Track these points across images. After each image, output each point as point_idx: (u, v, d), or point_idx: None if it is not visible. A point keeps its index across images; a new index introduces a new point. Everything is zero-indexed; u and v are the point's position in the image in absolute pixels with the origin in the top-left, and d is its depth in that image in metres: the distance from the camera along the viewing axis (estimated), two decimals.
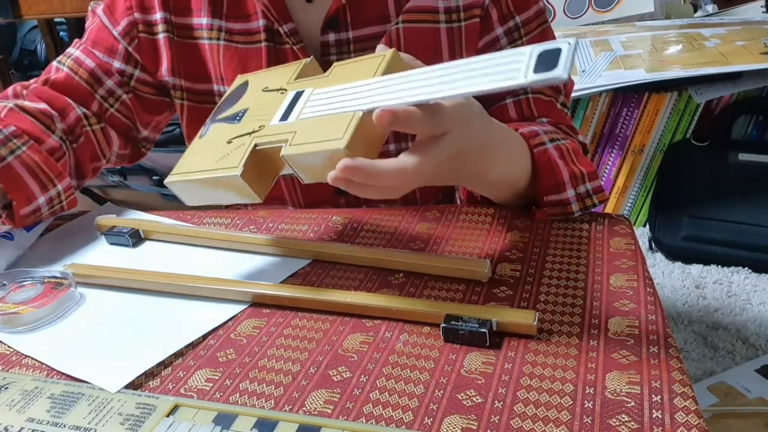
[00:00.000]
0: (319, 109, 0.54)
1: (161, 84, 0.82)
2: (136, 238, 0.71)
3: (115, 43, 0.80)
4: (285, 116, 0.56)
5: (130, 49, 0.80)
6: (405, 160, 0.50)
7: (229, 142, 0.58)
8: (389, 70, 0.53)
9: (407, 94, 0.49)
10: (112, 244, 0.71)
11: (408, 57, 0.56)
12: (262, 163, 0.55)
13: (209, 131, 0.63)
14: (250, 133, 0.57)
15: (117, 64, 0.80)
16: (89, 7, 0.83)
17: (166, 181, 0.61)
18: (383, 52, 0.55)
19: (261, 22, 0.74)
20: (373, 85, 0.51)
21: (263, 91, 0.62)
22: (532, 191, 0.68)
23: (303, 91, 0.57)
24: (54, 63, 0.82)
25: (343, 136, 0.49)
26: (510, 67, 0.44)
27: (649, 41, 1.85)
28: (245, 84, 0.66)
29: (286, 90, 0.59)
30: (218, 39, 0.77)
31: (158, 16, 0.78)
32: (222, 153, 0.57)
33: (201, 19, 0.77)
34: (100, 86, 0.80)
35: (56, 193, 0.71)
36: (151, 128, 0.87)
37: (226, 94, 0.68)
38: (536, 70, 0.42)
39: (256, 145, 0.55)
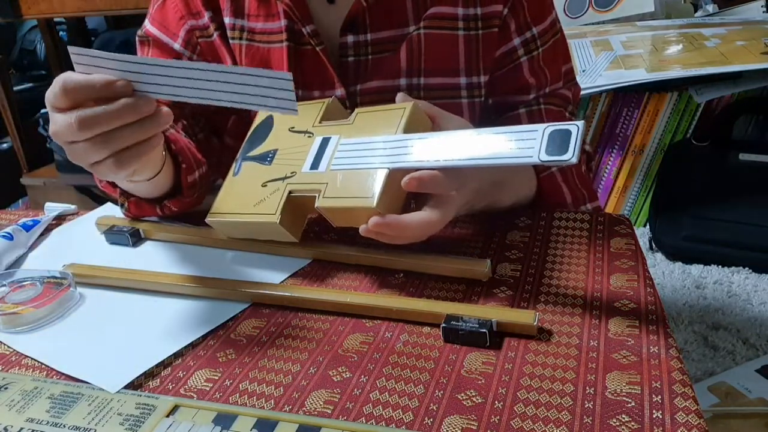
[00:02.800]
0: (348, 162, 0.58)
1: None
2: (136, 237, 0.71)
3: None
4: (315, 164, 0.60)
5: (194, 58, 0.78)
6: (430, 214, 0.55)
7: (264, 185, 0.62)
8: (410, 121, 0.57)
9: (430, 157, 0.53)
10: (112, 243, 0.71)
11: (425, 104, 0.59)
12: (296, 208, 0.60)
13: (241, 169, 0.66)
14: (283, 179, 0.61)
15: None
16: (137, 38, 0.81)
17: (207, 219, 0.65)
18: (404, 104, 0.59)
19: (283, 22, 0.74)
20: (398, 143, 0.56)
21: (290, 131, 0.66)
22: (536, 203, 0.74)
23: (330, 138, 0.61)
24: None
25: (374, 195, 0.54)
26: (524, 144, 0.48)
27: (649, 41, 1.85)
28: (270, 118, 0.69)
29: (312, 134, 0.63)
30: (240, 39, 0.77)
31: (206, 17, 0.77)
32: (259, 197, 0.61)
33: (226, 19, 0.77)
34: (181, 111, 0.78)
35: (204, 172, 0.72)
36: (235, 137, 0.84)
37: (252, 128, 0.70)
38: (548, 151, 0.47)
39: (290, 192, 0.60)
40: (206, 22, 0.77)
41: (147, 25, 0.80)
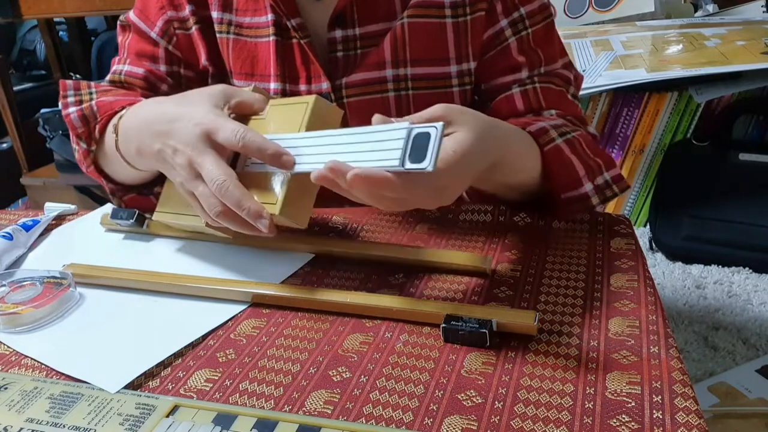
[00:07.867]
0: (258, 164, 0.59)
1: (206, 76, 0.81)
2: (140, 220, 0.71)
3: (156, 50, 0.79)
4: (233, 165, 0.60)
5: (170, 47, 0.79)
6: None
7: None
8: (314, 115, 0.58)
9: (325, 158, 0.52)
10: (114, 219, 0.71)
11: (443, 107, 0.55)
12: None
13: None
14: None
15: (163, 68, 0.79)
16: (119, 22, 0.82)
17: (155, 216, 0.68)
18: (307, 98, 0.60)
19: (270, 17, 0.74)
20: (294, 142, 0.56)
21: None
22: (545, 189, 0.68)
23: None
24: (107, 81, 0.80)
25: (277, 202, 0.56)
26: (390, 146, 0.48)
27: (649, 41, 1.85)
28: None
29: None
30: (228, 33, 0.77)
31: (187, 10, 0.77)
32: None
33: (214, 13, 0.77)
34: (156, 93, 0.79)
35: None
36: None
37: None
38: (411, 158, 0.46)
39: None
40: (186, 15, 0.78)
41: (131, 11, 0.81)
